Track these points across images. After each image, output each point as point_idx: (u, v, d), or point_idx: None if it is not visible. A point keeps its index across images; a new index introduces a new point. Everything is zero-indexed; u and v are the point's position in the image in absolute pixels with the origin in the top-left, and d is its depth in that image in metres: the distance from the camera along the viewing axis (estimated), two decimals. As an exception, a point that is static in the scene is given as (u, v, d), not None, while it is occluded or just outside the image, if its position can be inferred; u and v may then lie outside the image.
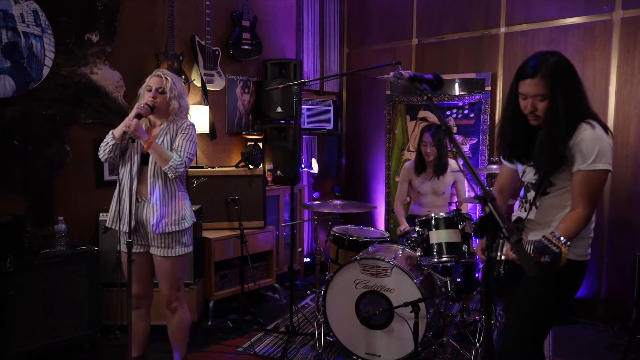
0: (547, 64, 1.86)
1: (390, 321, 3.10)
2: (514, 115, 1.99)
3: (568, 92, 1.86)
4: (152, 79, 2.69)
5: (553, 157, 1.87)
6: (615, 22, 3.81)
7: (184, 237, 2.69)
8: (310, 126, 5.31)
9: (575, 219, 1.85)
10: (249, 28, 4.59)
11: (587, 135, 1.84)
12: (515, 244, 1.12)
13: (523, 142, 2.01)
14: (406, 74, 1.49)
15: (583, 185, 1.86)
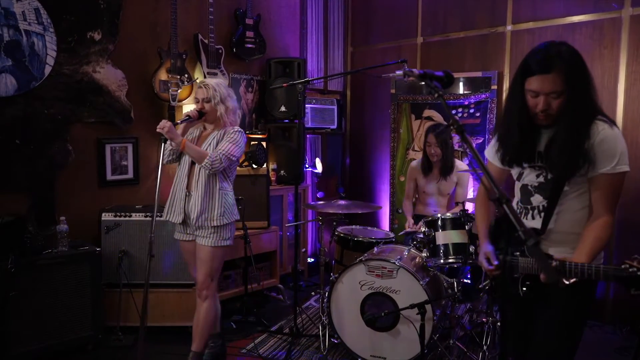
0: (561, 57, 1.68)
1: (396, 323, 3.06)
2: (519, 115, 1.80)
3: (584, 87, 1.72)
4: (198, 92, 2.94)
5: (575, 159, 1.70)
6: (624, 19, 3.76)
7: (223, 231, 2.89)
8: (314, 125, 5.27)
9: (605, 228, 1.72)
10: (252, 26, 4.55)
11: (609, 135, 1.71)
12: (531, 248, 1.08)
13: (530, 144, 1.84)
14: (416, 72, 1.44)
15: (608, 189, 1.73)
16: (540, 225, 1.83)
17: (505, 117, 1.90)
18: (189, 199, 2.87)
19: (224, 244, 2.90)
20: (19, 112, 3.29)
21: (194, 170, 2.89)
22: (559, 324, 1.82)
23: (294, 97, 4.53)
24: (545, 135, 1.81)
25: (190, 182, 2.89)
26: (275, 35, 4.93)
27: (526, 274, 1.79)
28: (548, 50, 1.70)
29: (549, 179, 1.81)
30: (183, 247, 3.02)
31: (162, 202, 3.81)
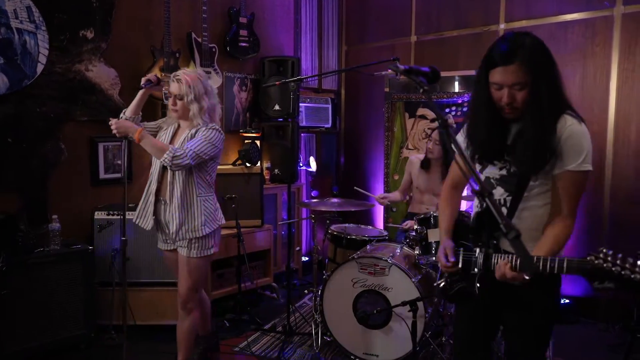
0: (524, 47, 1.61)
1: (389, 320, 3.07)
2: (486, 109, 1.73)
3: (550, 79, 1.65)
4: (170, 85, 2.65)
5: (541, 154, 1.65)
6: (616, 18, 3.77)
7: (207, 240, 2.71)
8: (308, 124, 5.27)
9: (565, 228, 1.69)
10: (246, 25, 4.55)
11: (576, 131, 1.66)
12: (513, 241, 1.08)
13: (498, 139, 1.77)
14: (401, 67, 1.43)
15: (571, 187, 1.69)
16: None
17: (472, 113, 1.84)
18: (165, 208, 2.66)
19: (207, 253, 2.73)
20: (11, 111, 3.28)
21: (166, 175, 2.65)
22: (532, 331, 1.81)
23: (288, 95, 4.53)
24: (514, 128, 1.76)
25: (162, 188, 2.67)
26: (269, 34, 4.93)
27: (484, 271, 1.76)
28: (511, 42, 1.65)
29: (512, 172, 1.77)
30: (166, 256, 2.87)
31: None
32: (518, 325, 1.82)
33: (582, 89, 3.95)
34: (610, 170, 3.84)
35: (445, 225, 1.93)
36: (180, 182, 2.61)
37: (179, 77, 2.62)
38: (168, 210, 2.65)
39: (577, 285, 4.04)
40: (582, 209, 3.98)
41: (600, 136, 3.88)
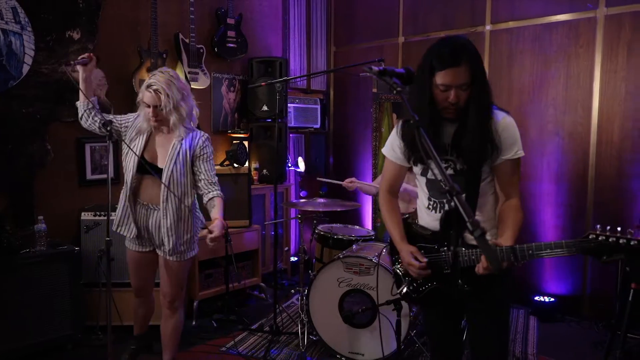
0: (466, 49, 1.73)
1: (374, 319, 3.09)
2: (429, 110, 1.79)
3: (485, 78, 1.79)
4: (146, 95, 2.51)
5: (486, 146, 1.77)
6: (599, 19, 3.82)
7: (193, 244, 2.77)
8: (297, 125, 5.29)
9: (519, 209, 1.83)
10: (234, 26, 4.56)
11: (509, 123, 1.81)
12: (479, 238, 1.11)
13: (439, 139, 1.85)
14: (375, 68, 1.46)
15: (514, 174, 1.84)
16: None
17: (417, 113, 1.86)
18: (150, 213, 2.65)
19: (193, 254, 2.78)
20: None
21: (158, 185, 2.59)
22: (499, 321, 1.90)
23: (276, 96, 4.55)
24: (450, 127, 1.84)
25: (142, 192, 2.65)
26: (257, 35, 4.95)
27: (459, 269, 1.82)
28: (454, 45, 1.74)
29: (459, 170, 1.84)
30: (136, 257, 2.78)
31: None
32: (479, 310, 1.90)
33: (566, 89, 3.99)
34: (593, 170, 3.89)
35: (399, 232, 1.98)
36: (175, 200, 2.60)
37: (155, 87, 2.48)
38: (162, 228, 2.62)
39: (562, 284, 4.08)
40: (565, 210, 4.03)
41: (584, 137, 3.92)
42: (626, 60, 3.72)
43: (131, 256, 2.81)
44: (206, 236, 2.42)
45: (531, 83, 4.16)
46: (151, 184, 2.63)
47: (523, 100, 4.19)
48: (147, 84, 2.53)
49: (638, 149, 3.71)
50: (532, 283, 4.19)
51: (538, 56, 4.12)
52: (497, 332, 1.90)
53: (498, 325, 1.90)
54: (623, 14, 3.72)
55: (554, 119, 4.06)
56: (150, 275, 2.88)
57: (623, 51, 3.73)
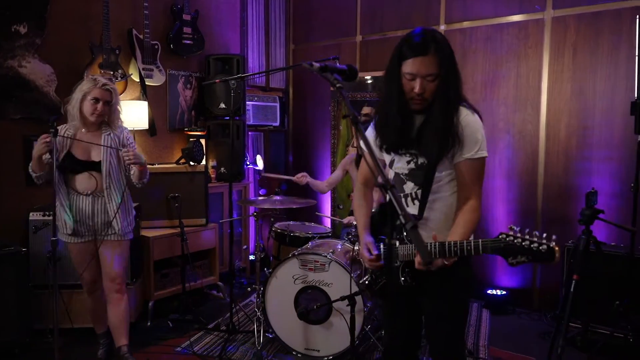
0: (436, 41, 1.70)
1: (329, 316, 3.11)
2: (397, 100, 1.78)
3: (455, 72, 1.76)
4: (98, 91, 2.79)
5: (447, 141, 1.75)
6: (546, 21, 3.95)
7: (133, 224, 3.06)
8: (256, 123, 5.27)
9: (474, 211, 1.80)
10: (190, 22, 4.51)
11: (472, 121, 1.79)
12: (410, 231, 1.13)
13: (407, 129, 1.83)
14: (316, 64, 1.47)
15: (474, 174, 1.81)
16: (417, 212, 1.86)
17: (384, 103, 1.86)
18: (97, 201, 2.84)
19: (132, 236, 3.02)
20: None
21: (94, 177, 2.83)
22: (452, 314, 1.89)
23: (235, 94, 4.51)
24: (417, 120, 1.83)
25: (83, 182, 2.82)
26: (214, 32, 4.90)
27: (406, 261, 1.82)
28: (423, 34, 1.72)
29: (420, 165, 1.84)
30: (78, 249, 2.90)
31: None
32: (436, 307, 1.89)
33: (516, 88, 4.11)
34: (542, 167, 4.02)
35: (363, 222, 1.99)
36: (116, 184, 2.88)
37: (109, 87, 2.84)
38: (98, 204, 2.84)
39: (513, 278, 4.20)
40: (516, 206, 4.16)
41: (534, 134, 4.05)
42: (572, 61, 3.86)
43: (75, 249, 2.90)
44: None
45: (483, 82, 4.27)
46: (88, 176, 2.82)
47: (476, 98, 4.28)
48: (96, 80, 2.82)
49: (583, 146, 3.86)
50: (485, 277, 4.30)
51: (490, 56, 4.24)
52: (450, 328, 1.89)
53: (452, 321, 1.89)
54: (568, 16, 3.86)
55: (505, 117, 4.18)
56: (97, 263, 2.96)
57: (569, 52, 3.87)
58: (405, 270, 1.83)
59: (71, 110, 2.80)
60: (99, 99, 2.78)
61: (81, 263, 2.92)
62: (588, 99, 3.82)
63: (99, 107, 2.78)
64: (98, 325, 3.15)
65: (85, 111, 2.79)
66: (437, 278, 1.79)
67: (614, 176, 3.72)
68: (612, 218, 3.15)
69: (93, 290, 3.03)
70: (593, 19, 3.76)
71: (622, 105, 3.65)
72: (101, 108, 2.79)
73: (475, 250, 1.61)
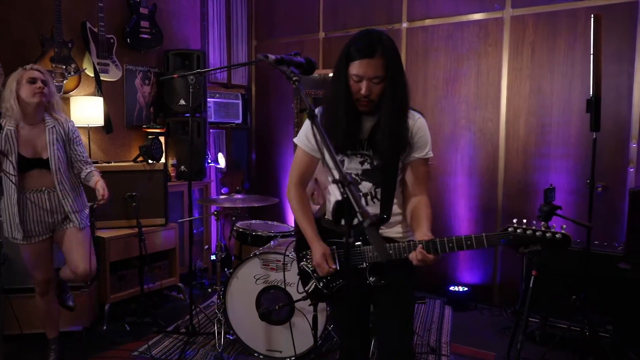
0: (382, 43, 1.71)
1: (291, 316, 3.06)
2: (345, 101, 1.77)
3: (402, 75, 1.78)
4: (31, 72, 2.73)
5: (400, 144, 1.80)
6: (505, 19, 4.00)
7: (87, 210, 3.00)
8: (217, 120, 5.16)
9: (429, 205, 1.87)
10: (147, 16, 4.37)
11: (423, 124, 1.85)
12: (369, 228, 1.09)
13: (355, 131, 1.83)
14: (272, 57, 1.42)
15: (425, 173, 1.89)
16: (379, 211, 1.88)
17: (331, 103, 1.84)
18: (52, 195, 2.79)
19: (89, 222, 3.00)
20: None
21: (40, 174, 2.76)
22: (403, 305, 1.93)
23: (195, 90, 4.40)
24: (368, 122, 1.84)
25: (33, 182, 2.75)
26: (174, 27, 4.77)
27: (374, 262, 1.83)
28: (370, 36, 1.73)
29: (376, 165, 1.86)
30: (32, 249, 2.81)
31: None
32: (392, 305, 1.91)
33: (477, 86, 4.15)
34: (502, 163, 4.07)
35: (312, 229, 1.94)
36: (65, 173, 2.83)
37: (38, 67, 2.79)
38: (53, 199, 2.78)
39: (475, 274, 4.25)
40: (477, 202, 4.20)
41: (494, 132, 4.10)
42: (530, 59, 3.92)
43: (31, 250, 2.81)
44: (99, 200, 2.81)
45: (445, 79, 4.29)
46: (38, 173, 2.74)
47: (438, 96, 4.31)
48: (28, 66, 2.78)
49: (541, 144, 3.93)
50: (447, 274, 4.33)
51: (451, 54, 4.26)
52: (400, 316, 1.92)
53: (401, 309, 1.92)
54: (526, 15, 3.92)
55: (466, 115, 4.22)
56: (51, 263, 2.92)
57: (527, 50, 3.93)
58: (373, 271, 1.83)
59: (7, 104, 2.69)
60: (35, 78, 2.70)
61: (37, 264, 2.84)
62: (546, 97, 3.89)
63: (39, 84, 2.69)
64: (49, 330, 3.04)
65: (25, 97, 2.68)
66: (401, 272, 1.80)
67: (571, 173, 3.80)
68: (570, 214, 3.21)
69: (46, 291, 2.94)
70: (550, 18, 3.83)
71: (579, 103, 3.73)
72: (41, 85, 2.69)
73: (477, 244, 1.65)
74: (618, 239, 3.53)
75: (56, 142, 2.77)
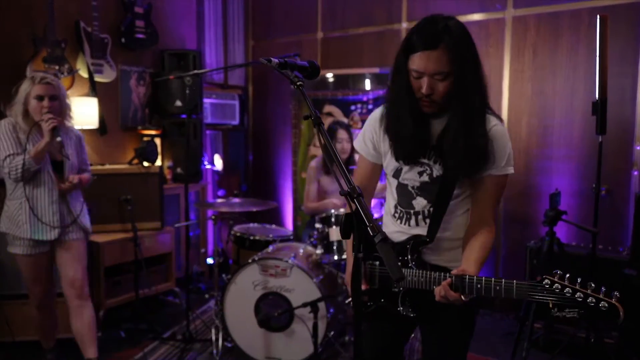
0: (449, 31, 1.43)
1: (291, 323, 2.99)
2: (407, 101, 1.52)
3: (475, 71, 1.48)
4: (39, 87, 2.57)
5: (472, 155, 1.48)
6: (507, 20, 3.94)
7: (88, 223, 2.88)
8: (214, 121, 5.08)
9: (490, 234, 1.55)
10: (142, 15, 4.28)
11: (500, 132, 1.54)
12: (379, 244, 1.02)
13: (422, 136, 1.56)
14: (275, 60, 1.35)
15: (495, 192, 1.57)
16: (426, 233, 1.61)
17: (391, 105, 1.60)
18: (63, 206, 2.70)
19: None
20: None
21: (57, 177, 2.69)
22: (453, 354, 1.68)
23: (191, 91, 4.34)
24: (437, 126, 1.57)
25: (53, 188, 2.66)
26: (169, 26, 4.69)
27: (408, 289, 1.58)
28: (435, 23, 1.46)
29: (435, 178, 1.58)
30: (33, 262, 2.68)
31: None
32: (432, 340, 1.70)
33: (478, 88, 4.09)
34: (504, 166, 4.01)
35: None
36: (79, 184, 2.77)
37: (48, 80, 2.61)
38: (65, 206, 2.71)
39: (476, 277, 4.19)
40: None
41: (495, 133, 4.04)
42: (532, 60, 3.87)
43: (29, 262, 2.68)
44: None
45: (445, 81, 4.23)
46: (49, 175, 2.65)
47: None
48: (36, 77, 2.60)
49: (543, 145, 3.87)
50: (448, 277, 4.27)
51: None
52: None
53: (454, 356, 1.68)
54: (528, 16, 3.86)
55: (467, 117, 4.15)
56: (50, 276, 2.80)
57: (529, 52, 3.88)
58: (405, 299, 1.59)
59: (17, 119, 2.59)
60: (43, 95, 2.57)
61: (35, 276, 2.72)
62: (548, 99, 3.84)
63: (45, 103, 2.57)
64: (46, 341, 2.96)
65: (33, 113, 2.58)
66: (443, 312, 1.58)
67: (573, 175, 3.75)
68: (572, 217, 3.16)
69: (45, 305, 2.83)
70: (552, 19, 3.78)
71: (581, 105, 3.68)
72: (48, 104, 2.57)
73: (506, 293, 1.39)
74: (622, 243, 3.48)
75: (70, 148, 2.71)
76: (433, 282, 1.51)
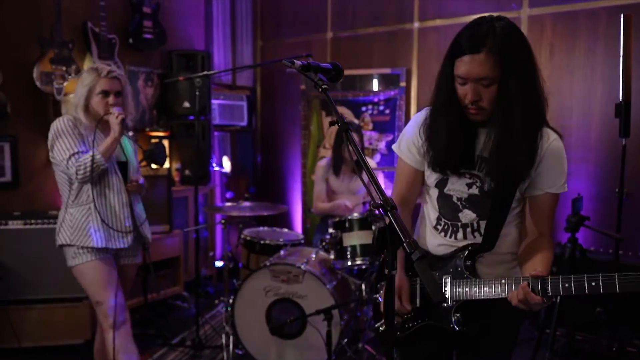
0: (494, 33, 1.34)
1: (303, 330, 2.93)
2: (450, 108, 1.45)
3: (526, 78, 1.38)
4: (105, 82, 2.34)
5: (522, 168, 1.41)
6: (523, 19, 3.86)
7: None
8: (222, 122, 5.02)
9: (551, 249, 1.50)
10: (150, 15, 4.21)
11: (559, 149, 1.47)
12: (417, 262, 0.95)
13: (464, 146, 1.49)
14: (299, 63, 1.27)
15: (552, 209, 1.51)
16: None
17: (433, 112, 1.53)
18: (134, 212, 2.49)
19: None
20: None
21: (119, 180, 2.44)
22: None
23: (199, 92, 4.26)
24: (485, 135, 1.49)
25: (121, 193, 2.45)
26: (178, 26, 4.62)
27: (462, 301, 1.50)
28: (481, 25, 1.38)
29: (486, 192, 1.50)
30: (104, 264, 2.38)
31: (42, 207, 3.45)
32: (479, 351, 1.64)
33: (492, 88, 4.01)
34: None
35: (400, 256, 1.54)
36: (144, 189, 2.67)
37: (115, 74, 2.39)
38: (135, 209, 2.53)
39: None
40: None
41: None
42: (549, 60, 3.79)
43: (97, 265, 2.34)
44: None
45: (459, 82, 4.15)
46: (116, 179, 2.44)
47: (451, 98, 4.17)
48: (104, 71, 2.36)
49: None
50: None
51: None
52: None
53: None
54: (544, 15, 3.78)
55: (481, 118, 4.08)
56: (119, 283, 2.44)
57: (545, 51, 3.79)
58: (456, 314, 1.50)
59: (78, 114, 2.35)
60: (108, 91, 2.34)
61: (107, 282, 2.36)
62: (565, 99, 3.75)
63: (111, 100, 2.34)
64: None
65: (96, 109, 2.34)
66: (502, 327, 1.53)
67: (592, 178, 3.66)
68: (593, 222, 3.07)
69: (122, 321, 2.42)
70: (569, 19, 3.69)
71: (600, 107, 3.59)
72: (113, 101, 2.35)
73: (605, 288, 1.28)
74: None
75: (131, 150, 2.62)
76: (501, 289, 1.43)
